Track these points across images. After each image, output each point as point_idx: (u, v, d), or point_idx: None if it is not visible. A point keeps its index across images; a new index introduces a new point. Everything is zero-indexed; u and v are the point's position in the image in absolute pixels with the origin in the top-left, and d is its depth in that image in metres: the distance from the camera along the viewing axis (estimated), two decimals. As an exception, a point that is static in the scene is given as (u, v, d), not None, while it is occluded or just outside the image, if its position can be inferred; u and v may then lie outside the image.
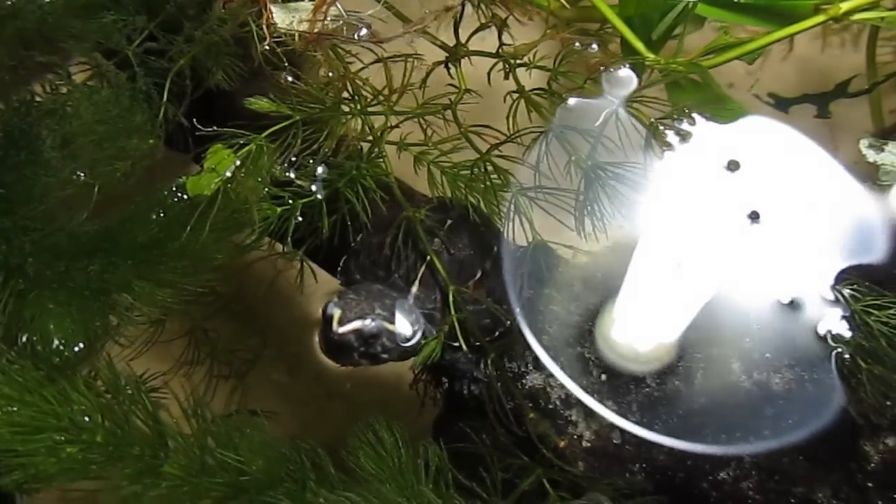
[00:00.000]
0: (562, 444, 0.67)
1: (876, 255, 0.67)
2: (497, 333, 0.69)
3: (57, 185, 0.61)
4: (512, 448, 0.68)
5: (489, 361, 0.67)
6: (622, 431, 0.68)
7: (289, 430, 0.87)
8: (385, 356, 0.63)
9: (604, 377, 0.68)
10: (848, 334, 0.62)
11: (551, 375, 0.70)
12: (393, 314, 0.63)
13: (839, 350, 0.62)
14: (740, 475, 0.64)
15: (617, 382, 0.68)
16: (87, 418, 0.53)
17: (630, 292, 0.70)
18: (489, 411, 0.66)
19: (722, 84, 0.96)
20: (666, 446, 0.66)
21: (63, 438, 0.53)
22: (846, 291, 0.63)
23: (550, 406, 0.69)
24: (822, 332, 0.63)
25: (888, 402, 0.60)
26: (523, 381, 0.70)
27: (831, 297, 0.64)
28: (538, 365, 0.71)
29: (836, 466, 0.63)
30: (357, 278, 0.68)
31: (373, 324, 0.61)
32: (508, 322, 0.69)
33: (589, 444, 0.68)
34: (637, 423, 0.66)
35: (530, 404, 0.69)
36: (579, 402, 0.69)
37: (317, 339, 0.65)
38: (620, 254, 0.73)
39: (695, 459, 0.65)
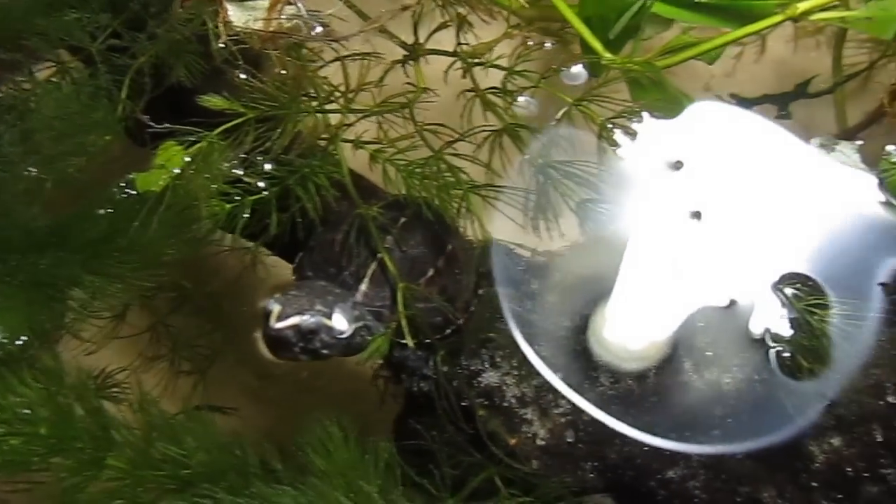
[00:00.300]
0: (512, 441, 0.67)
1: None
2: (448, 331, 0.69)
3: (11, 181, 0.62)
4: (466, 446, 0.69)
5: (438, 359, 0.67)
6: (575, 430, 0.68)
7: (260, 426, 0.88)
8: (325, 352, 0.63)
9: (592, 375, 0.69)
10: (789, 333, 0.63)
11: (507, 373, 0.71)
12: (344, 306, 0.64)
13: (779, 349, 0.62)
14: (688, 474, 0.64)
15: (605, 381, 0.68)
16: (28, 411, 0.53)
17: (619, 291, 0.70)
18: (438, 408, 0.67)
19: (697, 86, 0.97)
20: (617, 445, 0.66)
21: (5, 431, 0.54)
22: (788, 291, 0.63)
23: (505, 404, 0.70)
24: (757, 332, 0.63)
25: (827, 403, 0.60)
26: (478, 378, 0.70)
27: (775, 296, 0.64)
28: (494, 363, 0.71)
29: (781, 466, 0.63)
30: (309, 275, 0.68)
31: (311, 319, 0.61)
32: (461, 320, 0.69)
33: (543, 443, 0.68)
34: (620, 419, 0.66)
35: (485, 402, 0.69)
36: (534, 401, 0.70)
37: (259, 335, 0.65)
38: (582, 253, 0.73)
39: (644, 458, 0.65)
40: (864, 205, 0.68)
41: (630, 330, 0.69)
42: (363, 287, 0.66)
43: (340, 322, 0.63)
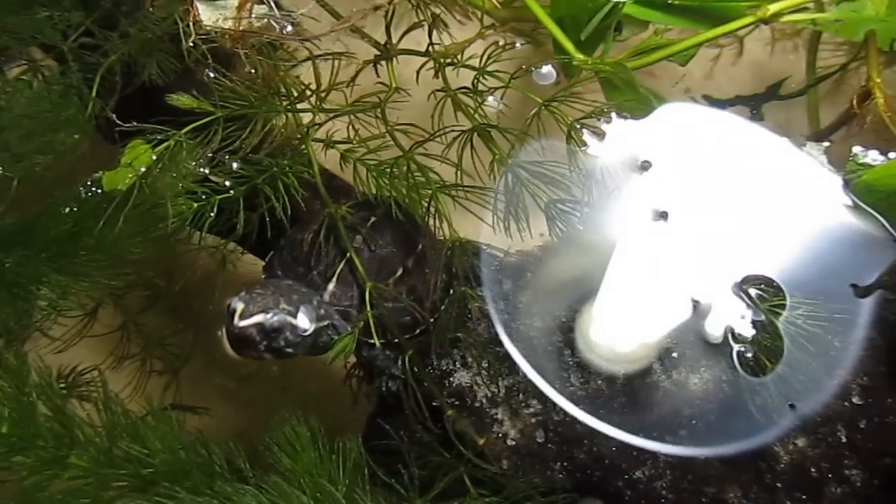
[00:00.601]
0: (481, 441, 0.67)
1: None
2: (417, 331, 0.69)
3: (-24, 179, 0.61)
4: (435, 446, 0.69)
5: (406, 358, 0.67)
6: (545, 430, 0.68)
7: (232, 425, 0.87)
8: (289, 350, 0.63)
9: (580, 377, 0.69)
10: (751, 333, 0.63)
11: (478, 374, 0.71)
12: (310, 306, 0.64)
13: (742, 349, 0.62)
14: (654, 474, 0.64)
15: (591, 382, 0.68)
16: (-12, 409, 0.53)
17: (606, 293, 0.70)
18: (406, 408, 0.67)
19: (676, 88, 0.97)
20: (586, 445, 0.66)
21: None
22: (752, 291, 0.63)
23: (476, 404, 0.70)
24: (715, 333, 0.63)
25: (791, 405, 0.61)
26: (450, 378, 0.70)
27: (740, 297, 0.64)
28: (465, 363, 0.71)
29: (746, 467, 0.63)
30: (279, 274, 0.68)
31: (275, 318, 0.61)
32: (430, 320, 0.69)
33: (513, 443, 0.68)
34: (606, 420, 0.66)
35: (455, 402, 0.69)
36: (505, 401, 0.70)
37: (223, 333, 0.65)
38: (554, 253, 0.73)
39: (612, 458, 0.65)
40: (831, 206, 0.69)
41: (618, 332, 0.69)
42: (331, 287, 0.66)
43: (304, 321, 0.63)
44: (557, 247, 0.72)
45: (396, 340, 0.68)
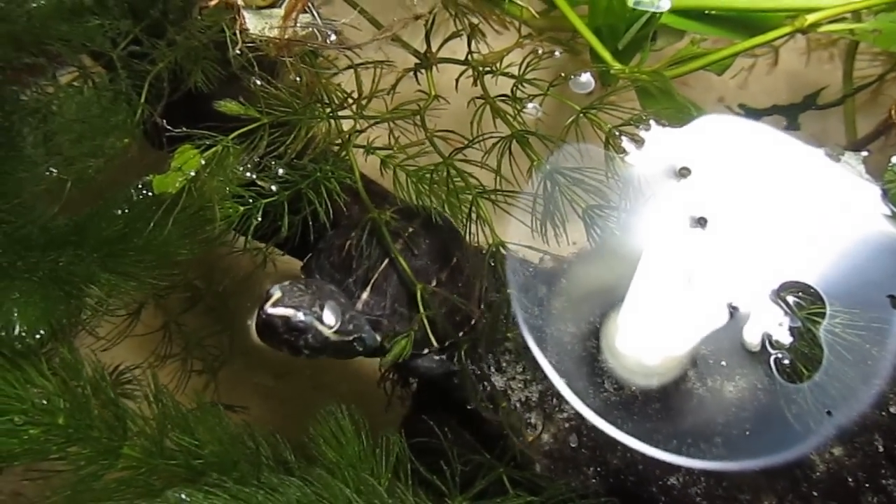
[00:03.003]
0: (530, 438, 0.67)
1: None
2: (447, 344, 0.70)
3: (32, 180, 0.63)
4: (475, 445, 0.69)
5: (462, 353, 0.68)
6: (579, 435, 0.69)
7: (270, 423, 0.89)
8: (307, 352, 0.64)
9: (608, 390, 0.69)
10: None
11: (512, 378, 0.72)
12: (341, 314, 0.64)
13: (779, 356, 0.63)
14: (689, 481, 0.64)
15: (622, 396, 0.69)
16: (45, 402, 0.55)
17: (633, 303, 0.71)
18: (456, 402, 0.67)
19: (711, 97, 0.98)
20: (619, 450, 0.67)
21: (25, 420, 0.55)
22: (790, 298, 0.63)
23: (511, 408, 0.70)
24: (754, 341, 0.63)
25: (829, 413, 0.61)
26: (484, 383, 0.71)
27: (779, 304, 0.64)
28: (499, 367, 0.72)
29: (782, 475, 0.63)
30: (315, 277, 0.69)
31: (303, 318, 0.62)
32: (465, 328, 0.70)
33: (547, 447, 0.69)
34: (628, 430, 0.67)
35: (490, 406, 0.70)
36: (539, 405, 0.70)
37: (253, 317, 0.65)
38: (591, 260, 0.74)
39: (646, 464, 0.66)
40: (869, 215, 0.69)
41: (645, 343, 0.70)
42: (365, 295, 0.67)
43: (327, 328, 0.63)
44: (593, 253, 0.72)
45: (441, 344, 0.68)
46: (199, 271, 0.81)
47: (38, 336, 0.60)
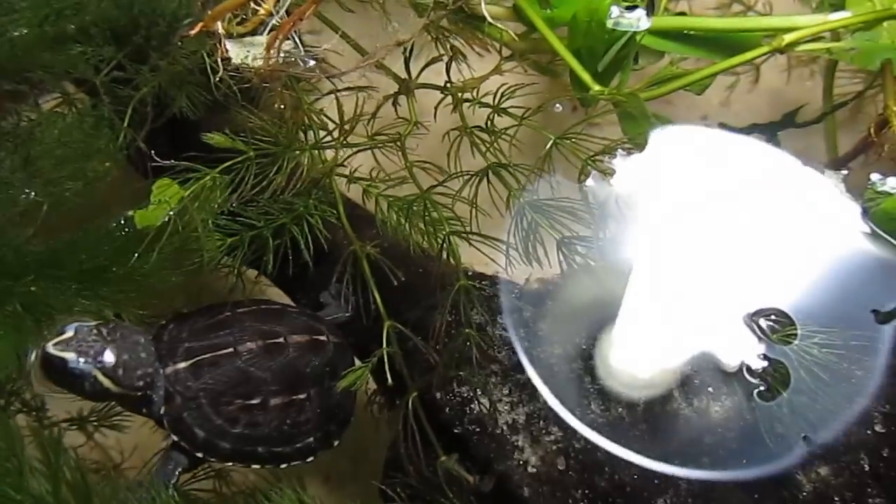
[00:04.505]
0: (471, 480, 0.67)
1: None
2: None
3: (8, 203, 0.63)
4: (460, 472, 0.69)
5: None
6: (566, 457, 0.68)
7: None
8: (89, 396, 0.63)
9: (600, 405, 0.69)
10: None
11: (499, 400, 0.71)
12: (129, 369, 0.62)
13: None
14: (677, 503, 0.64)
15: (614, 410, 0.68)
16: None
17: (626, 318, 0.71)
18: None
19: (695, 116, 0.99)
20: (607, 473, 0.67)
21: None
22: (763, 323, 0.64)
23: (497, 431, 0.70)
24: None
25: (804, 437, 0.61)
26: (471, 406, 0.71)
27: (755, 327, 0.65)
28: (486, 390, 0.72)
29: (769, 495, 0.63)
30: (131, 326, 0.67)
31: (82, 365, 0.60)
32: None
33: (534, 470, 0.69)
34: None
35: (476, 429, 0.70)
36: (525, 428, 0.70)
37: None
38: (573, 281, 0.74)
39: (633, 486, 0.65)
40: (849, 233, 0.69)
41: (638, 357, 0.70)
42: (180, 365, 0.65)
43: (107, 381, 0.62)
44: (576, 275, 0.73)
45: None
46: (187, 297, 0.81)
47: (6, 368, 0.60)
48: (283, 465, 0.71)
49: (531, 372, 0.72)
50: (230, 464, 0.69)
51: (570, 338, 0.73)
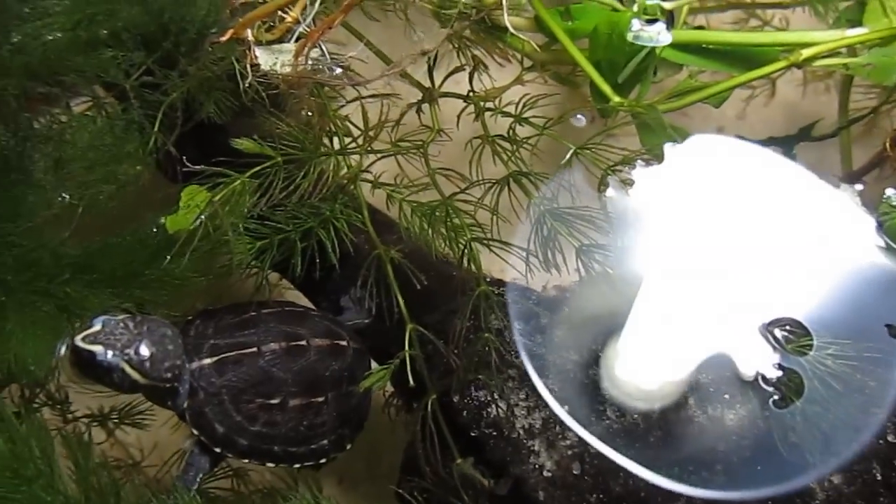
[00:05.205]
0: (487, 483, 0.68)
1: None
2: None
3: (44, 205, 0.65)
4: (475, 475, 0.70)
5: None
6: (581, 462, 0.69)
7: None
8: (117, 388, 0.64)
9: (608, 416, 0.70)
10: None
11: (516, 405, 0.72)
12: (156, 361, 0.63)
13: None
14: (690, 508, 0.65)
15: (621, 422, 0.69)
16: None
17: (632, 330, 0.72)
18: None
19: (710, 128, 1.00)
20: (622, 478, 0.67)
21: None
22: (778, 333, 0.65)
23: (514, 435, 0.71)
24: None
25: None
26: (487, 410, 0.72)
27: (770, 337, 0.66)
28: (503, 394, 0.73)
29: (782, 502, 0.63)
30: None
31: (110, 358, 0.61)
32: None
33: (550, 475, 0.70)
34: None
35: (493, 432, 0.71)
36: (542, 433, 0.71)
37: None
38: (591, 288, 0.75)
39: (648, 492, 0.66)
40: (864, 247, 0.70)
41: (643, 369, 0.70)
42: (205, 361, 0.66)
43: (136, 373, 0.63)
44: (594, 283, 0.74)
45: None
46: (209, 298, 0.83)
47: (42, 368, 0.61)
48: (297, 466, 0.72)
49: (545, 378, 0.73)
50: (246, 460, 0.70)
51: (586, 343, 0.74)
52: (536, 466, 0.70)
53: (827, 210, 0.73)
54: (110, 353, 0.61)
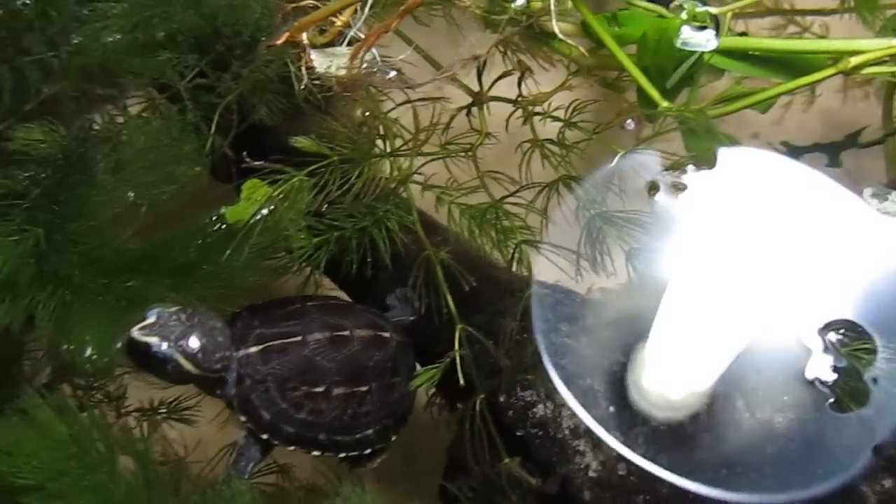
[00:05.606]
0: (534, 482, 0.68)
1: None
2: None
3: (107, 204, 0.67)
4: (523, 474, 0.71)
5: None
6: (627, 463, 0.70)
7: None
8: (170, 379, 0.65)
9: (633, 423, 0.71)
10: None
11: (562, 405, 0.73)
12: (207, 352, 0.64)
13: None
14: (739, 511, 0.66)
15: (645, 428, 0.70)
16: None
17: (659, 338, 0.73)
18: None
19: (746, 133, 1.00)
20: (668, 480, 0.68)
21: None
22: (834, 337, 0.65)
23: (559, 435, 0.72)
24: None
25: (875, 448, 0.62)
26: (534, 409, 0.73)
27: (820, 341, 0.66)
28: (549, 394, 0.73)
29: (830, 504, 0.64)
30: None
31: (165, 349, 0.62)
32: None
33: (595, 475, 0.70)
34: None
35: (539, 432, 0.72)
36: (588, 432, 0.72)
37: None
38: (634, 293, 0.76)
39: (695, 493, 0.67)
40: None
41: (669, 378, 0.71)
42: (251, 350, 0.68)
43: (188, 363, 0.64)
44: (639, 286, 0.75)
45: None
46: (253, 297, 0.84)
47: (105, 360, 0.63)
48: (342, 455, 0.73)
49: (590, 379, 0.73)
50: (292, 448, 0.71)
51: (623, 347, 0.74)
52: (582, 466, 0.70)
53: (870, 218, 0.73)
54: (165, 344, 0.62)
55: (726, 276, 0.73)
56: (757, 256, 0.73)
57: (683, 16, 0.74)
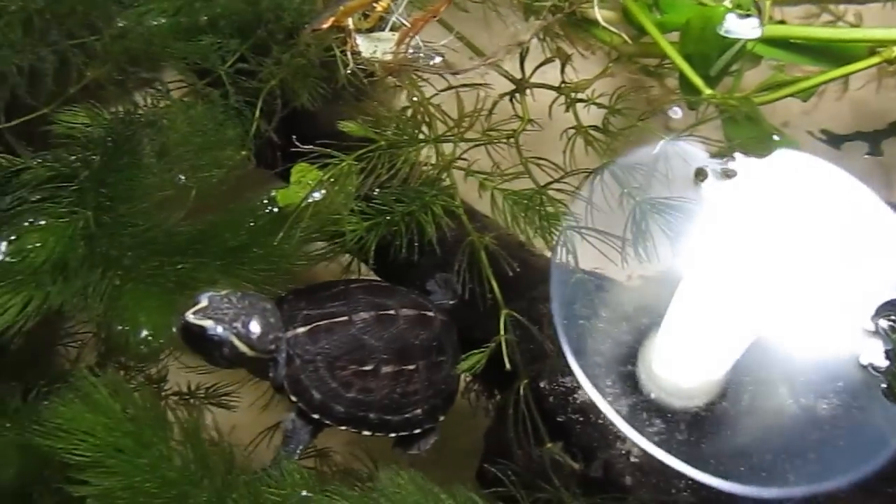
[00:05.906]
0: (577, 466, 0.69)
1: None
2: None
3: (155, 187, 0.67)
4: (562, 461, 0.71)
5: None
6: (669, 448, 0.70)
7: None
8: (223, 363, 0.66)
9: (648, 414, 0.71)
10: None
11: (602, 391, 0.73)
12: (261, 334, 0.65)
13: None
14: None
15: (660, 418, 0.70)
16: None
17: (674, 326, 0.73)
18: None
19: (776, 122, 1.00)
20: (711, 464, 0.68)
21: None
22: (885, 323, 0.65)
23: (601, 421, 0.72)
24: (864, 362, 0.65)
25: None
26: (574, 395, 0.73)
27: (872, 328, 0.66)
28: (591, 381, 0.74)
29: (878, 492, 0.64)
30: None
31: (220, 332, 0.63)
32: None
33: (636, 460, 0.71)
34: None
35: (580, 417, 0.72)
36: (629, 418, 0.72)
37: None
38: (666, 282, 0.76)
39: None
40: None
41: (682, 366, 0.72)
42: (299, 330, 0.68)
43: (243, 345, 0.64)
44: (678, 274, 0.75)
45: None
46: (291, 281, 0.84)
47: (161, 341, 0.63)
48: (392, 434, 0.74)
49: (628, 365, 0.74)
50: (343, 427, 0.72)
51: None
52: (623, 452, 0.71)
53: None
54: (220, 327, 0.63)
55: (747, 265, 0.73)
56: (778, 249, 0.73)
57: (727, 3, 0.74)
